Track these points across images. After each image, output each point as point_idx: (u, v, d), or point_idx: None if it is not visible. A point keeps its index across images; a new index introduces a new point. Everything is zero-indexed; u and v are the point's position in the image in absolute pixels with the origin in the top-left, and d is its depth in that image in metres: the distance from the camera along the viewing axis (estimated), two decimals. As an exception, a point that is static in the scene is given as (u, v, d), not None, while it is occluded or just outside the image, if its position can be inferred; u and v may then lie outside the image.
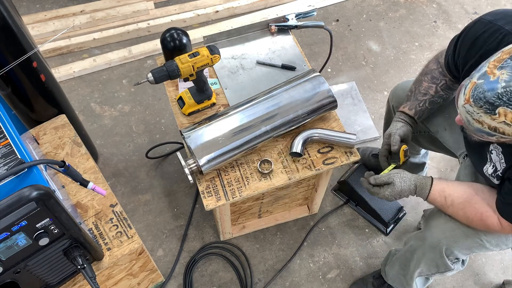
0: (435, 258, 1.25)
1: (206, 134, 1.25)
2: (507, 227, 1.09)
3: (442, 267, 1.27)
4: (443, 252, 1.22)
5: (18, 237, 0.87)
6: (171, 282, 1.68)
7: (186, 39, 1.38)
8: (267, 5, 2.49)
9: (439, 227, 1.21)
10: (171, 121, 2.07)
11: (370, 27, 2.47)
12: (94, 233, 1.24)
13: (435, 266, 1.28)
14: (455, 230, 1.19)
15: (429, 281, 1.49)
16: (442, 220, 1.21)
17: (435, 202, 1.19)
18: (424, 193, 1.18)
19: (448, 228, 1.20)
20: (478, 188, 1.15)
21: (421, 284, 1.48)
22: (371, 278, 1.62)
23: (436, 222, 1.23)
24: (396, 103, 1.48)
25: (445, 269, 1.27)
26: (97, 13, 2.36)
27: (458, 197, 1.15)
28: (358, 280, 1.67)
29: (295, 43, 1.58)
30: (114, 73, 2.24)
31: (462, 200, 1.14)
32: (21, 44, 1.30)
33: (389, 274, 1.50)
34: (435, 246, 1.22)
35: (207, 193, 1.27)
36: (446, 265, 1.25)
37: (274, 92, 1.32)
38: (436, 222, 1.23)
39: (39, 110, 1.53)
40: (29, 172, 0.90)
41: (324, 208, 1.85)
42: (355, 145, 1.36)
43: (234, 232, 1.75)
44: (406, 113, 1.31)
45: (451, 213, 1.18)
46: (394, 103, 1.49)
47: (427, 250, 1.26)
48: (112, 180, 1.91)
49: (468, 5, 2.59)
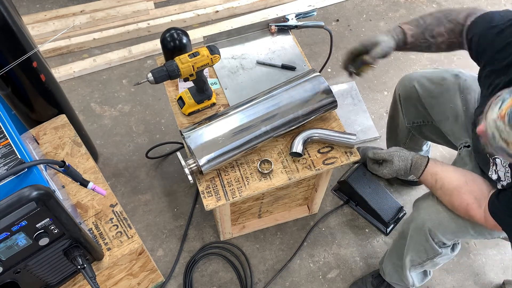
0: (421, 241, 1.26)
1: (206, 134, 1.25)
2: (491, 223, 1.10)
3: (430, 252, 1.27)
4: (428, 234, 1.22)
5: (18, 237, 0.87)
6: (171, 282, 1.68)
7: (186, 39, 1.38)
8: (267, 5, 2.49)
9: (426, 209, 1.23)
10: (171, 121, 2.07)
11: (370, 27, 2.47)
12: (94, 233, 1.24)
13: (424, 252, 1.29)
14: (440, 213, 1.20)
15: (427, 277, 1.49)
16: (430, 203, 1.23)
17: (426, 182, 1.21)
18: (417, 173, 1.21)
19: (434, 210, 1.21)
20: (470, 178, 1.16)
21: (419, 279, 1.48)
22: (370, 277, 1.62)
23: (424, 204, 1.25)
24: (403, 92, 1.48)
25: (433, 253, 1.27)
26: (97, 13, 2.36)
27: (448, 183, 1.16)
28: (357, 280, 1.67)
29: (295, 43, 1.58)
30: (114, 73, 2.24)
31: (451, 187, 1.15)
32: (21, 44, 1.30)
33: (385, 270, 1.51)
34: (420, 227, 1.23)
35: (207, 193, 1.27)
36: (433, 248, 1.25)
37: (274, 92, 1.32)
38: (424, 204, 1.25)
39: (39, 110, 1.53)
40: (29, 172, 0.90)
41: (324, 208, 1.85)
42: (355, 145, 1.36)
43: (234, 232, 1.75)
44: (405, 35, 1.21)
45: (439, 196, 1.20)
46: (401, 92, 1.49)
47: (413, 232, 1.27)
48: (112, 180, 1.91)
49: (468, 5, 2.58)
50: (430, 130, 1.51)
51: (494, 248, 1.77)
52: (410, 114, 1.51)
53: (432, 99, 1.39)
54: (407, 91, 1.45)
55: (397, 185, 1.90)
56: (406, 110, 1.51)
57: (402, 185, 1.90)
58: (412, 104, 1.47)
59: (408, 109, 1.50)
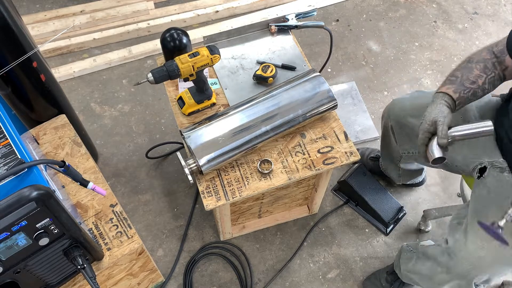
0: (461, 284, 1.23)
1: (206, 134, 1.25)
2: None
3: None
4: (472, 283, 1.20)
5: (18, 237, 0.87)
6: (171, 282, 1.68)
7: (186, 39, 1.38)
8: (267, 5, 2.49)
9: (467, 259, 1.17)
10: (171, 121, 2.07)
11: (370, 27, 2.47)
12: (94, 233, 1.24)
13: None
14: (484, 259, 1.14)
15: None
16: (470, 250, 1.16)
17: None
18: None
19: (476, 259, 1.16)
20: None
21: None
22: (384, 273, 1.60)
23: (462, 253, 1.18)
24: (394, 121, 1.43)
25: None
26: (97, 13, 2.36)
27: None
28: (371, 276, 1.66)
29: (295, 43, 1.58)
30: (114, 73, 2.24)
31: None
32: (21, 44, 1.30)
33: (405, 277, 1.48)
34: (464, 277, 1.20)
35: (207, 193, 1.27)
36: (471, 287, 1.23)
37: (274, 92, 1.32)
38: (463, 253, 1.18)
39: (39, 110, 1.53)
40: (29, 172, 0.89)
41: (324, 208, 1.85)
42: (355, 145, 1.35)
43: (234, 232, 1.75)
44: (450, 95, 1.13)
45: None
46: (393, 123, 1.43)
47: (454, 277, 1.22)
48: (112, 180, 1.91)
49: (468, 5, 2.59)
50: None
51: (494, 248, 1.77)
52: (405, 143, 1.45)
53: None
54: (400, 122, 1.38)
55: (397, 185, 1.90)
56: (400, 140, 1.46)
57: (402, 185, 1.89)
58: (406, 135, 1.41)
59: (402, 139, 1.45)
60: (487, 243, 1.13)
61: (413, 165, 1.66)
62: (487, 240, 1.12)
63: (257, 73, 1.45)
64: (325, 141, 1.37)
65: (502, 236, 0.98)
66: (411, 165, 1.65)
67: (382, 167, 1.82)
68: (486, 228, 1.01)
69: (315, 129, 1.39)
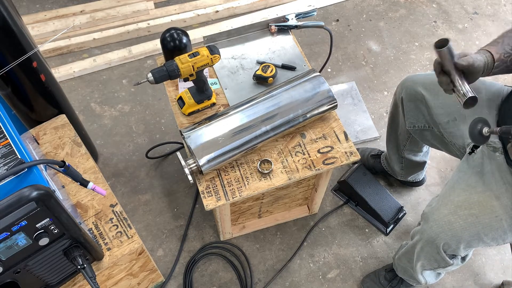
0: (432, 253, 1.26)
1: (206, 134, 1.25)
2: None
3: (442, 263, 1.27)
4: (440, 248, 1.22)
5: (18, 237, 0.87)
6: (171, 282, 1.68)
7: (186, 39, 1.38)
8: (267, 5, 2.49)
9: (437, 222, 1.21)
10: (171, 121, 2.07)
11: (370, 27, 2.47)
12: (94, 233, 1.24)
13: (435, 261, 1.29)
14: (452, 224, 1.19)
15: (440, 275, 1.50)
16: (441, 214, 1.21)
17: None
18: None
19: (446, 222, 1.20)
20: None
21: (432, 277, 1.48)
22: (383, 271, 1.63)
23: (434, 216, 1.23)
24: (406, 94, 1.46)
25: (445, 264, 1.28)
26: (97, 13, 2.36)
27: None
28: (370, 274, 1.67)
29: (295, 43, 1.58)
30: (114, 73, 2.24)
31: None
32: (21, 44, 1.30)
33: (398, 266, 1.52)
34: (432, 241, 1.22)
35: (207, 193, 1.27)
36: (445, 260, 1.25)
37: (274, 92, 1.33)
38: (434, 216, 1.23)
39: (39, 110, 1.53)
40: (29, 172, 0.89)
41: (324, 208, 1.85)
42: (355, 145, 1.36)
43: (234, 232, 1.75)
44: (491, 54, 1.11)
45: None
46: (404, 94, 1.47)
47: (425, 245, 1.26)
48: (112, 180, 1.91)
49: (468, 5, 2.59)
50: (431, 136, 1.49)
51: (494, 248, 1.77)
52: (412, 117, 1.49)
53: (438, 101, 1.37)
54: (411, 93, 1.42)
55: (397, 185, 1.90)
56: (408, 113, 1.50)
57: (402, 185, 1.90)
58: (415, 107, 1.45)
59: (410, 112, 1.48)
60: (460, 211, 1.19)
61: (417, 157, 1.69)
62: (460, 207, 1.19)
63: (257, 73, 1.45)
64: (325, 141, 1.37)
65: None
66: (415, 156, 1.68)
67: (383, 163, 1.83)
68: None
69: (315, 129, 1.39)
